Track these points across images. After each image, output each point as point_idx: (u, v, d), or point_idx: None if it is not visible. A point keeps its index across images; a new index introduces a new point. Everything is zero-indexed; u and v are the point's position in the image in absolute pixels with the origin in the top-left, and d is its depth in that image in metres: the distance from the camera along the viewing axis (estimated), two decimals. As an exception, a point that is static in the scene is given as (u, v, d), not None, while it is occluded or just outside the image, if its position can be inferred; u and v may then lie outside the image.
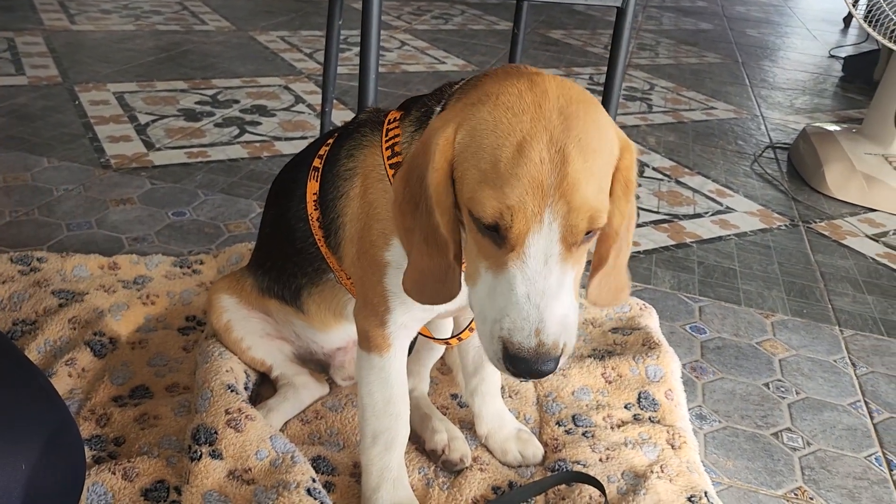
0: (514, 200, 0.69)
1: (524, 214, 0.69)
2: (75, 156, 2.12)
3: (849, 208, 2.41)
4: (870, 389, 1.50)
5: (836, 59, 4.56)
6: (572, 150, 0.70)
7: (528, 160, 0.69)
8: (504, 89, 0.74)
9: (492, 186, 0.70)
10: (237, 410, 1.10)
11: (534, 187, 0.69)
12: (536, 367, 0.71)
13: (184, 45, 3.38)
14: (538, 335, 0.70)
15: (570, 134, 0.70)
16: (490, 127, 0.72)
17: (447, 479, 1.13)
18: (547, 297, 0.70)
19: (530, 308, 0.70)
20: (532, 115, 0.71)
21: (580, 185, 0.69)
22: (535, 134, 0.70)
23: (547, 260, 0.70)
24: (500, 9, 5.01)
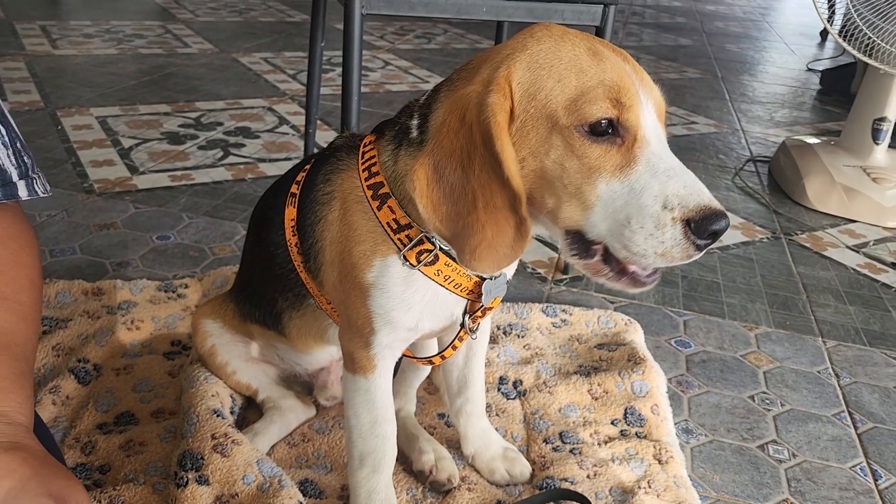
0: (622, 83, 0.74)
1: (633, 94, 0.74)
2: (58, 181, 2.11)
3: (829, 220, 2.43)
4: (853, 400, 1.52)
5: (814, 73, 4.63)
6: (623, 52, 0.79)
7: (606, 57, 0.76)
8: (527, 36, 0.81)
9: (593, 86, 0.74)
10: (223, 435, 1.09)
11: (625, 73, 0.75)
12: (724, 222, 0.72)
13: (167, 68, 3.38)
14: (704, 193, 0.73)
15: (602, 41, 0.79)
16: (550, 52, 0.78)
17: (435, 499, 1.13)
18: (681, 169, 0.74)
19: (684, 174, 0.73)
20: (572, 38, 0.78)
21: (648, 80, 0.78)
22: (593, 43, 0.77)
23: (659, 137, 0.76)
24: (482, 27, 5.05)
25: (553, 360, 1.49)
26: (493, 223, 0.77)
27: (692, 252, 0.73)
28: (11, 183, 0.85)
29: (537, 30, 0.81)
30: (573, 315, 1.63)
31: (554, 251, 2.01)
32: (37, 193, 0.89)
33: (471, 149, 0.77)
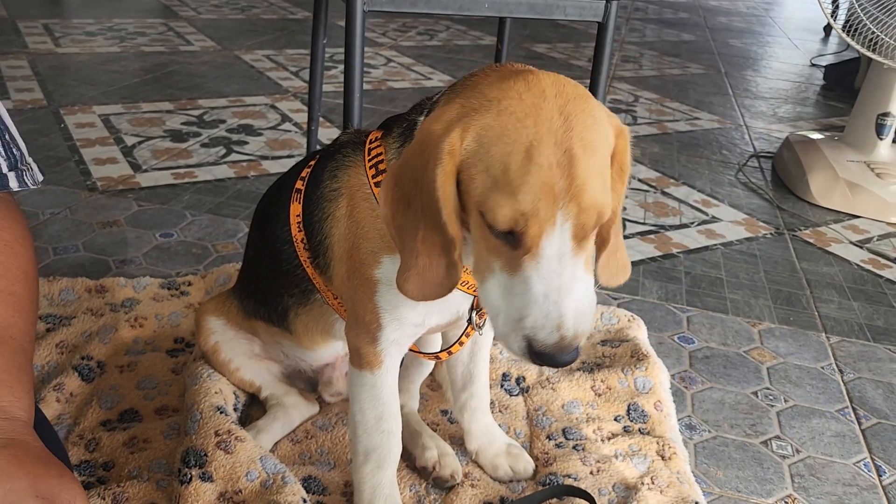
0: (528, 207, 0.71)
1: (538, 219, 0.71)
2: (61, 179, 2.12)
3: (833, 215, 2.43)
4: (857, 395, 1.51)
5: (818, 68, 4.62)
6: (577, 151, 0.72)
7: (537, 166, 0.71)
8: (504, 94, 0.76)
9: (504, 193, 0.72)
10: (227, 432, 1.09)
11: (545, 192, 0.71)
12: (561, 359, 0.74)
13: (169, 65, 3.38)
14: (559, 330, 0.73)
15: (573, 134, 0.72)
16: (497, 133, 0.74)
17: (438, 495, 1.13)
18: (563, 293, 0.73)
19: (549, 306, 0.73)
20: (535, 119, 0.73)
21: (588, 185, 0.72)
22: (541, 138, 0.72)
23: (560, 258, 0.73)
24: (484, 24, 5.04)
25: (556, 357, 1.48)
26: (426, 256, 0.80)
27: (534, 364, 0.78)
28: (2, 175, 0.85)
29: (512, 90, 0.76)
30: (576, 311, 1.63)
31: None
32: (27, 185, 0.88)
33: (422, 180, 0.78)
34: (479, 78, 0.83)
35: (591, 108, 0.76)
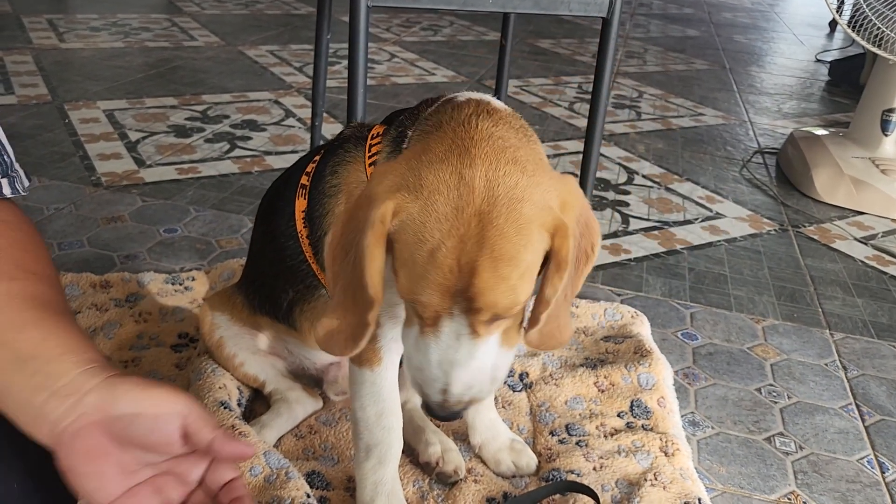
0: (424, 298, 0.75)
1: (432, 309, 0.75)
2: (66, 174, 2.12)
3: (837, 212, 2.42)
4: (861, 392, 1.51)
5: (823, 64, 4.60)
6: (483, 263, 0.72)
7: (438, 268, 0.73)
8: (438, 177, 0.75)
9: (408, 278, 0.75)
10: (231, 427, 1.10)
11: (441, 291, 0.74)
12: (440, 414, 0.82)
13: (173, 61, 3.39)
14: (443, 394, 0.79)
15: (483, 245, 0.72)
16: (416, 226, 0.74)
17: (441, 491, 1.14)
18: (454, 366, 0.78)
19: (439, 373, 0.79)
20: (452, 222, 0.73)
21: (486, 293, 0.73)
22: (449, 245, 0.73)
23: (458, 337, 0.77)
24: (488, 19, 5.04)
25: (559, 353, 1.49)
26: (345, 308, 0.83)
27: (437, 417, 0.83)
28: None
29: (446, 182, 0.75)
30: (579, 307, 1.63)
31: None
32: (19, 192, 0.88)
33: (357, 234, 0.79)
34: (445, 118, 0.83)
35: (516, 215, 0.74)
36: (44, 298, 0.80)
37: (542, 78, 3.74)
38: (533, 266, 0.76)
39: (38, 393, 0.72)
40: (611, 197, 2.37)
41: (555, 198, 0.77)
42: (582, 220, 0.81)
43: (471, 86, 3.47)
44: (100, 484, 0.72)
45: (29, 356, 0.73)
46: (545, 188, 0.77)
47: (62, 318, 0.79)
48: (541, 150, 0.84)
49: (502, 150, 0.77)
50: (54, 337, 0.76)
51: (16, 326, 0.75)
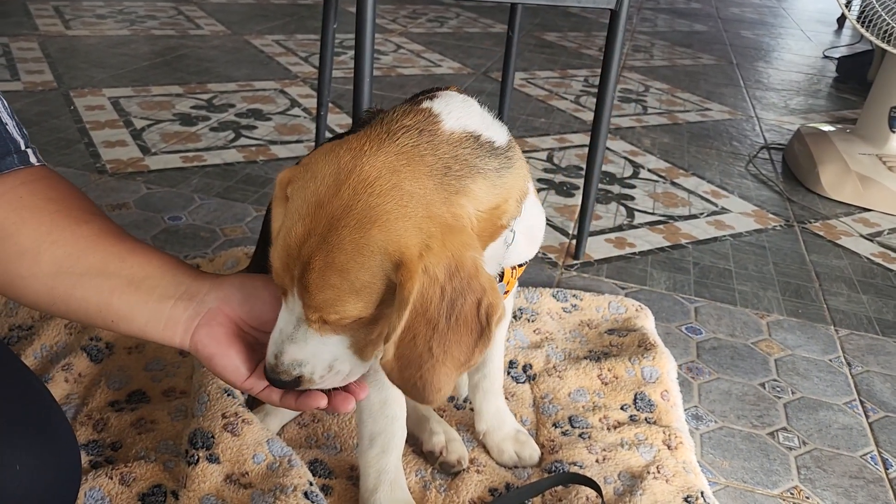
0: (275, 265, 0.78)
1: (278, 279, 0.78)
2: (71, 161, 2.12)
3: (843, 208, 2.41)
4: (865, 388, 1.51)
5: (830, 60, 4.58)
6: (316, 261, 0.73)
7: (284, 246, 0.76)
8: (325, 163, 0.76)
9: (274, 241, 0.79)
10: (234, 414, 1.10)
11: (283, 266, 0.77)
12: (270, 377, 0.82)
13: (179, 49, 3.38)
14: (277, 358, 0.81)
15: (322, 246, 0.73)
16: (294, 197, 0.77)
17: (444, 481, 1.14)
18: (289, 341, 0.80)
19: (278, 338, 0.81)
20: (310, 210, 0.74)
21: (312, 291, 0.75)
22: (299, 230, 0.75)
23: (298, 319, 0.79)
24: (495, 11, 5.02)
25: (563, 345, 1.48)
26: None
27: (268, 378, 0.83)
28: (22, 151, 0.87)
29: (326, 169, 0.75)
30: (584, 300, 1.63)
31: (564, 236, 2.00)
32: (43, 163, 0.91)
33: None
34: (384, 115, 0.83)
35: (360, 234, 0.72)
36: (120, 231, 0.89)
37: (549, 71, 3.73)
38: (370, 288, 0.74)
39: (165, 301, 0.83)
40: (616, 191, 2.36)
41: (419, 237, 0.73)
42: (459, 277, 0.75)
43: (476, 78, 3.46)
44: (234, 366, 0.83)
45: (142, 277, 0.83)
46: (413, 224, 0.73)
47: (144, 244, 0.88)
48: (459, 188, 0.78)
49: (394, 172, 0.74)
50: (154, 257, 0.86)
51: (117, 257, 0.84)
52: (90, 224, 0.86)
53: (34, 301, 0.85)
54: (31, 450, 0.82)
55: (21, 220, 0.82)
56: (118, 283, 0.82)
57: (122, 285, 0.82)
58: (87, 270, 0.83)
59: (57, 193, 0.87)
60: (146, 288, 0.83)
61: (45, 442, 0.85)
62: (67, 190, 0.90)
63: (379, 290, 0.75)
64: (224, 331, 0.83)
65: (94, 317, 0.84)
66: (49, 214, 0.84)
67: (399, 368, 0.78)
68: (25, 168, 0.87)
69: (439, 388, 0.79)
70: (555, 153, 2.62)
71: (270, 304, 0.85)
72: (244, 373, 0.84)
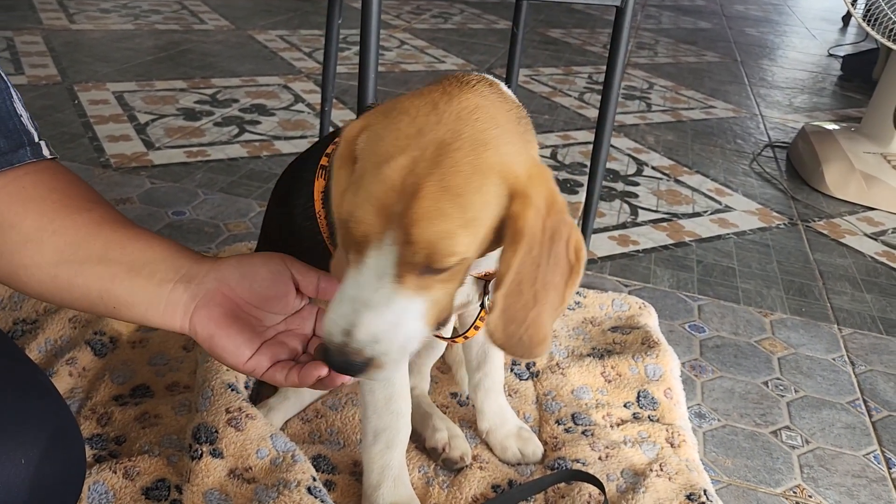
0: (359, 214, 0.70)
1: (365, 225, 0.70)
2: (75, 155, 2.12)
3: (847, 207, 2.41)
4: (868, 388, 1.51)
5: (835, 58, 4.57)
6: (428, 187, 0.68)
7: (381, 182, 0.68)
8: (412, 102, 0.73)
9: (352, 191, 0.71)
10: (237, 409, 1.10)
11: (379, 208, 0.69)
12: (337, 360, 0.72)
13: (183, 44, 3.38)
14: (346, 335, 0.71)
15: (434, 171, 0.68)
16: (377, 138, 0.72)
17: (447, 477, 1.14)
18: (367, 308, 0.71)
19: (348, 310, 0.71)
20: (411, 140, 0.69)
21: (423, 223, 0.68)
22: (401, 160, 0.69)
23: (381, 276, 0.70)
24: (499, 7, 5.01)
25: (566, 342, 1.48)
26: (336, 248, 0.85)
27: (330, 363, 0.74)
28: (35, 143, 0.88)
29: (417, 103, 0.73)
30: (587, 298, 1.63)
31: (569, 233, 2.00)
32: (56, 156, 0.92)
33: None
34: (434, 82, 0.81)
35: (476, 156, 0.70)
36: (122, 219, 0.88)
37: (553, 67, 3.72)
38: (482, 220, 0.71)
39: (164, 285, 0.83)
40: (620, 188, 2.36)
41: (524, 165, 0.72)
42: (554, 211, 0.74)
43: (481, 74, 3.45)
44: (235, 347, 0.82)
45: (142, 263, 0.83)
46: (516, 152, 0.72)
47: (146, 231, 0.88)
48: (531, 138, 0.79)
49: (486, 107, 0.73)
50: (155, 243, 0.86)
51: (118, 244, 0.84)
52: (91, 212, 0.86)
53: (38, 290, 0.85)
54: (35, 444, 0.82)
55: (24, 211, 0.83)
56: (119, 269, 0.83)
57: (123, 272, 0.83)
58: (88, 258, 0.83)
59: (60, 184, 0.87)
60: (146, 273, 0.83)
61: (50, 436, 0.85)
62: (70, 180, 0.90)
63: (486, 225, 0.71)
64: (222, 311, 0.82)
65: (96, 304, 0.84)
66: (51, 204, 0.84)
67: (504, 323, 0.76)
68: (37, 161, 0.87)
69: (544, 338, 0.78)
70: (559, 150, 2.62)
71: (270, 281, 0.84)
72: (245, 353, 0.82)
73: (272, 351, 0.83)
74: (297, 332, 0.87)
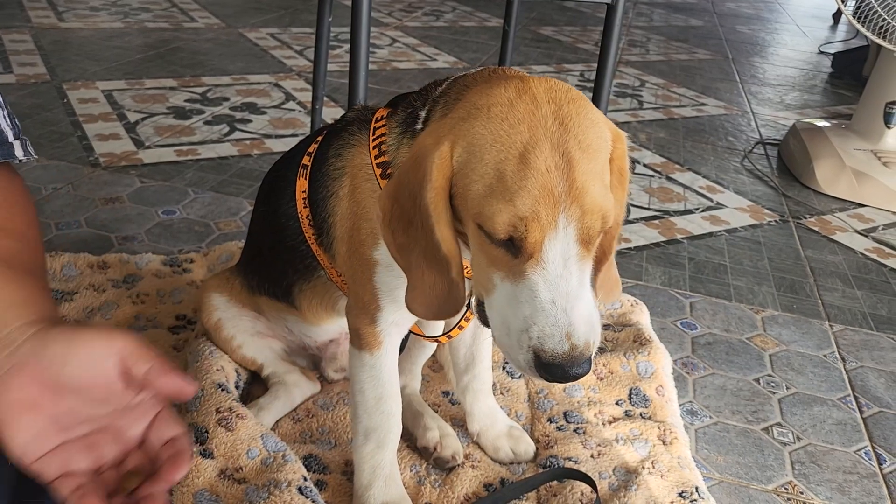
0: (528, 211, 0.68)
1: (539, 224, 0.68)
2: (64, 154, 2.11)
3: (838, 204, 2.42)
4: (859, 384, 1.51)
5: (826, 56, 4.58)
6: (575, 154, 0.70)
7: (534, 170, 0.69)
8: (493, 100, 0.74)
9: (501, 200, 0.69)
10: (228, 409, 1.09)
11: (545, 195, 0.68)
12: (571, 371, 0.70)
13: (173, 42, 3.36)
14: (569, 339, 0.69)
15: (569, 137, 0.70)
16: (489, 141, 0.72)
17: (439, 476, 1.13)
18: (571, 300, 0.70)
19: (558, 313, 0.69)
20: (528, 123, 0.71)
21: (589, 188, 0.69)
22: (537, 142, 0.70)
23: (566, 263, 0.70)
24: (491, 5, 5.00)
25: (558, 340, 1.48)
26: (430, 274, 0.78)
27: (542, 380, 0.72)
28: (8, 143, 0.86)
29: (503, 97, 0.73)
30: (579, 295, 1.62)
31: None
32: (31, 155, 0.89)
33: (417, 195, 0.76)
34: (470, 83, 0.82)
35: (586, 111, 0.74)
36: (6, 253, 0.78)
37: (545, 65, 3.72)
38: (608, 168, 0.75)
39: None
40: (611, 185, 2.36)
41: None
42: None
43: (472, 72, 3.45)
44: (30, 438, 0.69)
45: None
46: None
47: (18, 274, 0.77)
48: None
49: (545, 78, 0.77)
50: (5, 291, 0.74)
51: None
52: None
53: None
54: None
55: None
56: None
57: None
58: None
59: None
60: None
61: None
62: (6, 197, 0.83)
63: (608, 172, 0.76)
64: (23, 394, 0.69)
65: None
66: None
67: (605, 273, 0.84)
68: None
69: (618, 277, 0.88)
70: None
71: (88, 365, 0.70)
72: (36, 449, 0.69)
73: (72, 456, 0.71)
74: (119, 433, 0.74)
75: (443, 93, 0.86)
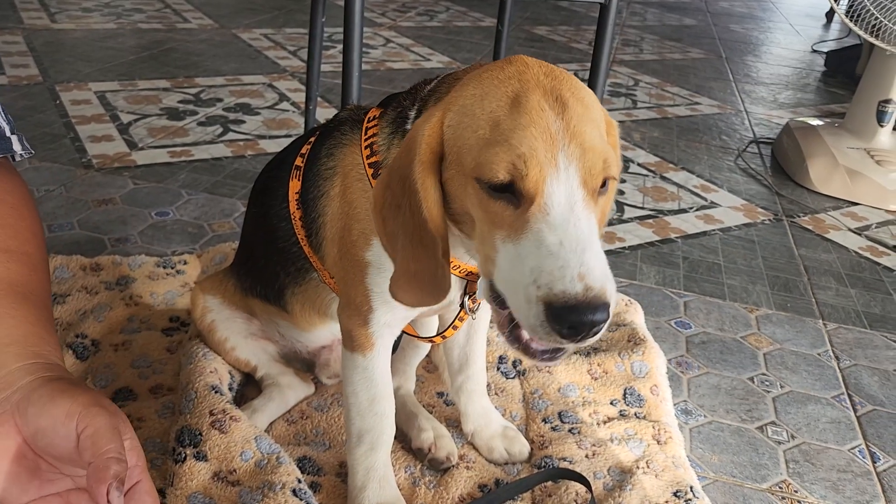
0: (525, 148, 0.66)
1: (537, 160, 0.66)
2: (57, 156, 2.10)
3: (832, 202, 2.42)
4: (853, 382, 1.51)
5: (819, 54, 4.59)
6: (569, 98, 0.70)
7: (528, 110, 0.69)
8: (484, 70, 0.76)
9: (498, 143, 0.68)
10: (221, 412, 1.09)
11: (541, 132, 0.67)
12: (588, 316, 0.62)
13: (166, 43, 3.35)
14: (583, 279, 0.62)
15: (562, 85, 0.72)
16: (479, 98, 0.73)
17: (434, 477, 1.13)
18: (583, 242, 0.64)
19: (567, 254, 0.63)
20: (519, 77, 0.73)
21: (586, 129, 0.69)
22: (528, 89, 0.71)
23: (572, 206, 0.66)
24: (484, 5, 5.00)
25: (553, 340, 1.48)
26: (416, 257, 0.76)
27: (556, 339, 0.65)
28: (6, 138, 0.84)
29: (493, 67, 0.75)
30: (573, 295, 1.62)
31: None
32: (28, 150, 0.89)
33: (406, 176, 0.75)
34: (459, 77, 0.83)
35: (581, 87, 0.76)
36: (8, 280, 0.77)
37: (538, 65, 3.72)
38: (602, 127, 0.74)
39: None
40: (606, 185, 2.36)
41: None
42: None
43: (466, 72, 3.45)
44: (9, 485, 0.68)
45: None
46: None
47: (21, 304, 0.76)
48: None
49: None
50: (4, 325, 0.73)
51: None
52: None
53: None
54: None
55: None
56: None
57: None
58: None
59: None
60: None
61: None
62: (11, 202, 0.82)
63: None
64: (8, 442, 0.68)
65: None
66: None
67: None
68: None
69: None
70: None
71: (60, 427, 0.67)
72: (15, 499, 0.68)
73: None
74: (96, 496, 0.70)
75: (432, 90, 0.86)
